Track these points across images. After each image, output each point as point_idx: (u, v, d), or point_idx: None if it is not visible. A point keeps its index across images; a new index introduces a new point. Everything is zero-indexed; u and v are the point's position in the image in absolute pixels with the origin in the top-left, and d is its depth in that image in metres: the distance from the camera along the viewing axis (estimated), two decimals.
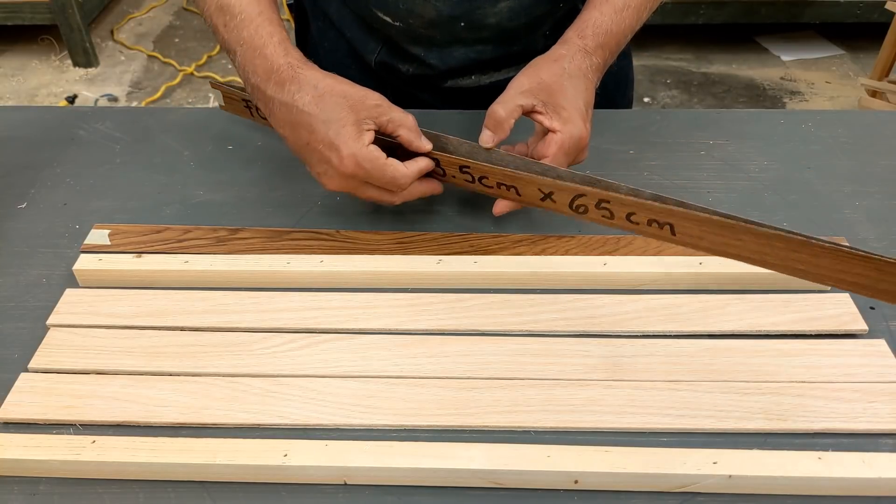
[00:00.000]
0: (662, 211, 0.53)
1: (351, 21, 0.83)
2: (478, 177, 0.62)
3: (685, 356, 0.55)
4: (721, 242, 0.52)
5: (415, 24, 0.77)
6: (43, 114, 0.87)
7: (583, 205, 0.58)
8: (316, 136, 0.59)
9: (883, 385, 0.53)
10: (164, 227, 0.67)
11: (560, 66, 0.64)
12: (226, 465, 0.48)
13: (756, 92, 2.48)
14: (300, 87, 0.60)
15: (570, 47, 0.66)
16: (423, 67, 0.82)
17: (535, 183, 0.59)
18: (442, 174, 0.64)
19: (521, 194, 0.60)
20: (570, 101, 0.63)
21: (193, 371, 0.54)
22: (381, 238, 0.66)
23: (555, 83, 0.63)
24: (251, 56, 0.62)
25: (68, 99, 2.43)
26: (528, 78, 0.64)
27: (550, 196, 0.59)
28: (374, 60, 0.84)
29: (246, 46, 0.62)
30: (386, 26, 0.79)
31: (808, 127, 0.82)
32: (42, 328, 0.58)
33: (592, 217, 0.58)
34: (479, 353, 0.56)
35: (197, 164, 0.77)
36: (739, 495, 0.48)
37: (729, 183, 0.74)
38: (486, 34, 0.78)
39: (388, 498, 0.48)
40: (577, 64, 0.65)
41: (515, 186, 0.60)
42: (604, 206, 0.56)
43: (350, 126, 0.58)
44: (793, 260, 0.50)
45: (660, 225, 0.55)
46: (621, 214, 0.56)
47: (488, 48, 0.80)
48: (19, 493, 0.48)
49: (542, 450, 0.48)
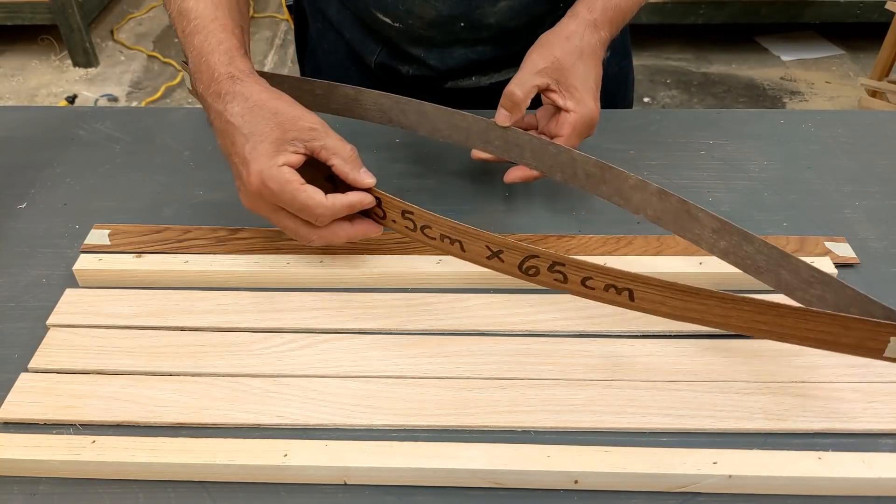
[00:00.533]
0: (622, 276, 0.51)
1: (350, 23, 0.83)
2: (420, 225, 0.57)
3: (685, 356, 0.55)
4: (682, 307, 0.51)
5: (414, 24, 0.77)
6: (43, 114, 0.87)
7: (534, 266, 0.53)
8: (235, 149, 0.56)
9: (883, 385, 0.53)
10: (163, 227, 0.67)
11: (572, 44, 0.64)
12: (226, 465, 0.48)
13: (756, 92, 2.48)
14: (234, 97, 0.56)
15: (579, 22, 0.65)
16: (423, 68, 0.82)
17: (482, 239, 0.54)
18: (381, 216, 0.59)
19: (465, 250, 0.56)
20: (582, 80, 0.63)
21: (193, 371, 0.54)
22: (381, 239, 0.66)
23: (567, 62, 0.63)
24: (198, 63, 0.59)
25: (68, 99, 2.43)
26: (542, 57, 0.64)
27: (499, 255, 0.54)
28: (373, 62, 0.84)
29: (195, 53, 0.60)
30: (385, 27, 0.79)
31: (808, 127, 0.82)
32: (42, 328, 0.58)
33: (543, 280, 0.54)
34: (479, 353, 0.56)
35: (197, 164, 0.77)
36: (739, 495, 0.48)
37: (729, 183, 0.74)
38: (486, 34, 0.78)
39: (388, 498, 0.48)
40: (587, 41, 0.65)
41: (461, 241, 0.55)
42: (557, 269, 0.53)
43: (268, 143, 0.55)
44: (757, 322, 0.49)
45: (618, 291, 0.52)
46: (576, 279, 0.53)
47: (488, 49, 0.80)
48: (19, 493, 0.48)
49: (542, 450, 0.48)
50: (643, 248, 0.65)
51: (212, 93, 0.58)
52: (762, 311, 0.49)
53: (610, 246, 0.65)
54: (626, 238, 0.66)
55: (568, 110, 0.62)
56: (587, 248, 0.65)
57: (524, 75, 0.63)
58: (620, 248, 0.65)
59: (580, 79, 0.63)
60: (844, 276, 0.63)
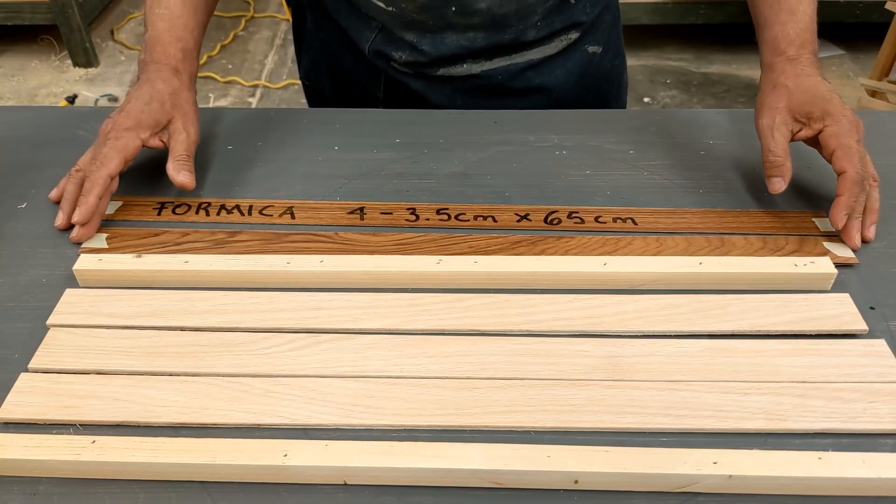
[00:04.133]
0: (624, 210, 0.69)
1: (346, 11, 0.85)
2: (455, 214, 0.70)
3: (685, 356, 0.55)
4: (671, 222, 0.68)
5: (407, 8, 0.79)
6: (43, 114, 0.87)
7: (556, 217, 0.68)
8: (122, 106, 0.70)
9: (883, 385, 0.53)
10: (162, 230, 0.67)
11: (787, 90, 0.67)
12: (226, 465, 0.48)
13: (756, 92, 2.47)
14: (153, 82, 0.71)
15: (776, 68, 0.69)
16: (416, 54, 0.83)
17: (510, 210, 0.69)
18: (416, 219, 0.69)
19: (497, 221, 0.69)
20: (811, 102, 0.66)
21: (193, 371, 0.54)
22: (380, 240, 0.66)
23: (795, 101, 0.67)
24: (152, 43, 0.73)
25: (68, 99, 2.43)
26: (771, 117, 0.67)
27: (526, 217, 0.68)
28: (367, 48, 0.85)
29: (155, 34, 0.73)
30: (379, 12, 0.80)
31: None
32: (42, 328, 0.58)
33: (566, 226, 0.68)
34: (479, 353, 0.56)
35: (197, 164, 0.77)
36: (739, 495, 0.48)
37: (729, 183, 0.74)
38: (477, 20, 0.80)
39: (388, 498, 0.48)
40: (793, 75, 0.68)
41: (493, 215, 0.69)
42: (574, 215, 0.68)
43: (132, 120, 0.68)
44: (724, 221, 0.68)
45: (623, 220, 0.68)
46: (590, 219, 0.68)
47: (479, 35, 0.81)
48: (19, 493, 0.48)
49: (542, 450, 0.48)
50: (643, 248, 0.65)
51: (149, 66, 0.72)
52: (722, 215, 0.69)
53: (610, 246, 0.65)
54: (626, 238, 0.66)
55: (822, 130, 0.65)
56: (587, 247, 0.65)
57: (777, 141, 0.66)
58: (620, 248, 0.65)
59: (810, 103, 0.66)
60: (844, 277, 0.63)
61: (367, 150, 0.79)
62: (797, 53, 0.69)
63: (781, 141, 0.66)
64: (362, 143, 0.80)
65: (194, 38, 0.74)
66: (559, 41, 0.86)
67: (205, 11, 0.76)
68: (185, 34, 0.73)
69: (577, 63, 0.88)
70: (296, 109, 0.91)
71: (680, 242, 0.65)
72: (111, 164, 0.65)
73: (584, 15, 0.85)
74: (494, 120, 0.83)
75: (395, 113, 0.85)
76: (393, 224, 0.69)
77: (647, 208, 0.70)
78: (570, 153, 0.78)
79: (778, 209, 0.70)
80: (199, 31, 0.75)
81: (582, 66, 0.89)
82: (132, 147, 0.67)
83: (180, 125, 0.69)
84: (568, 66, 0.88)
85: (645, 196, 0.72)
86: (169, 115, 0.69)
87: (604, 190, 0.73)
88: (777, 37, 0.70)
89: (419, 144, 0.79)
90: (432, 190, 0.73)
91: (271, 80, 2.54)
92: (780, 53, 0.69)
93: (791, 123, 0.67)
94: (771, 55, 0.70)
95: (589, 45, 0.88)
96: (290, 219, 0.69)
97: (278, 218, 0.69)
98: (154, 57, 0.72)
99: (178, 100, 0.70)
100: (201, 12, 0.75)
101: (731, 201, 0.71)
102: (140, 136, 0.67)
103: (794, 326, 0.57)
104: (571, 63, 0.88)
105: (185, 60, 0.73)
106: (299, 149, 0.79)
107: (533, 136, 0.80)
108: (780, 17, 0.70)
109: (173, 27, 0.72)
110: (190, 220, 0.69)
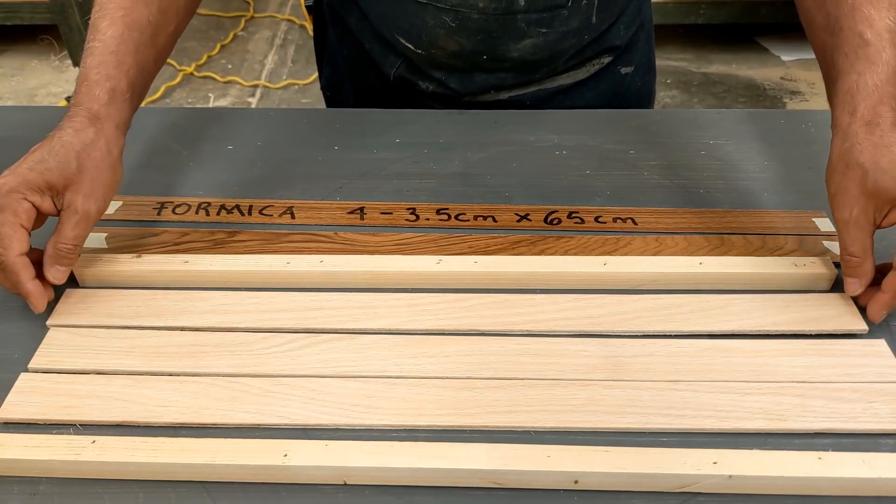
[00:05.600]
0: (623, 210, 0.69)
1: (371, 35, 0.83)
2: (455, 214, 0.69)
3: (685, 356, 0.55)
4: (671, 222, 0.68)
5: (437, 54, 0.77)
6: (43, 114, 0.87)
7: (556, 217, 0.67)
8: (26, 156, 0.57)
9: (883, 385, 0.53)
10: (161, 230, 0.67)
11: (862, 171, 0.54)
12: (226, 465, 0.48)
13: (756, 92, 2.48)
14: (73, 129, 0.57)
15: (850, 135, 0.55)
16: (443, 87, 0.81)
17: (510, 209, 0.69)
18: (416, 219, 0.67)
19: (497, 221, 0.68)
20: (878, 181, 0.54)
21: (193, 371, 0.54)
22: (380, 240, 0.66)
23: (876, 190, 0.54)
24: (80, 80, 0.59)
25: (68, 99, 2.43)
26: (849, 210, 0.55)
27: (526, 217, 0.67)
28: (392, 74, 0.83)
29: (84, 69, 0.59)
30: (406, 50, 0.79)
31: (808, 127, 0.82)
32: (42, 328, 0.58)
33: (566, 225, 0.67)
34: (479, 353, 0.56)
35: (197, 164, 0.77)
36: (739, 495, 0.48)
37: (729, 183, 0.74)
38: (508, 65, 0.78)
39: (388, 498, 0.48)
40: (870, 146, 0.54)
41: (493, 215, 0.68)
42: (574, 215, 0.68)
43: (26, 175, 0.54)
44: (725, 221, 0.68)
45: (623, 220, 0.68)
46: (590, 219, 0.68)
47: (510, 75, 0.80)
48: (19, 493, 0.48)
49: (542, 450, 0.48)
50: (643, 248, 0.65)
51: (69, 111, 0.58)
52: (722, 215, 0.69)
53: (609, 246, 0.65)
54: (626, 238, 0.66)
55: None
56: (587, 247, 0.65)
57: (847, 235, 0.56)
58: (620, 248, 0.65)
59: (893, 186, 0.53)
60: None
61: (367, 150, 0.79)
62: (876, 114, 0.54)
63: (860, 238, 0.55)
64: (362, 143, 0.80)
65: (129, 78, 0.59)
66: (591, 66, 0.84)
67: (152, 54, 0.63)
68: (116, 73, 0.59)
69: (608, 85, 0.87)
70: (296, 109, 0.91)
71: (680, 242, 0.65)
72: (12, 244, 0.53)
73: (618, 39, 0.83)
74: (494, 120, 0.83)
75: (395, 113, 0.85)
76: (393, 224, 0.69)
77: (647, 208, 0.70)
78: (570, 153, 0.78)
79: (778, 209, 0.70)
80: (136, 72, 0.60)
81: (613, 87, 0.87)
82: (22, 212, 0.54)
83: (79, 198, 0.55)
84: (599, 89, 0.86)
85: (645, 196, 0.72)
86: (67, 179, 0.55)
87: (604, 190, 0.73)
88: (852, 89, 0.55)
89: (419, 144, 0.79)
90: (432, 190, 0.73)
91: (271, 80, 2.54)
92: (853, 113, 0.55)
93: (872, 214, 0.55)
94: (842, 113, 0.56)
95: (621, 66, 0.86)
96: (290, 219, 0.69)
97: (278, 218, 0.69)
98: (76, 99, 0.58)
99: (85, 159, 0.55)
100: (145, 53, 0.61)
101: (731, 201, 0.71)
102: (27, 198, 0.54)
103: (795, 326, 0.57)
104: (603, 86, 0.86)
105: (110, 104, 0.58)
106: (299, 149, 0.79)
107: (533, 136, 0.80)
108: (856, 67, 0.55)
109: (103, 63, 0.59)
110: (190, 220, 0.69)
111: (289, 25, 2.89)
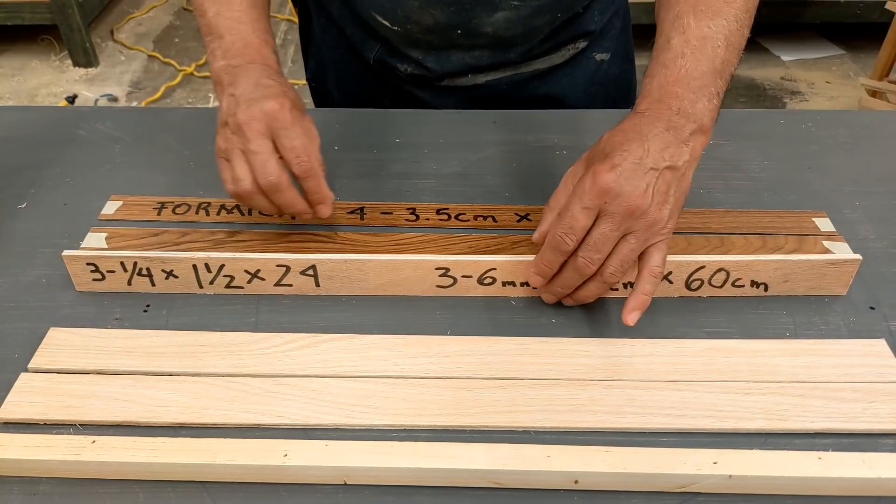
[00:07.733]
0: None
1: (351, 20, 0.84)
2: (455, 214, 0.69)
3: (685, 356, 0.55)
4: (684, 221, 0.67)
5: (412, 29, 0.78)
6: (43, 114, 0.87)
7: None
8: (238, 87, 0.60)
9: (883, 385, 0.53)
10: (161, 229, 0.67)
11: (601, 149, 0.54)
12: (226, 465, 0.48)
13: (756, 92, 2.48)
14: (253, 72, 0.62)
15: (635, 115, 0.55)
16: (421, 69, 0.82)
17: (510, 209, 0.69)
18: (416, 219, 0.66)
19: (497, 221, 0.66)
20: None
21: (193, 371, 0.54)
22: (379, 240, 0.66)
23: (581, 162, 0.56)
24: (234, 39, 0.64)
25: (68, 99, 2.43)
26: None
27: (526, 217, 0.66)
28: (372, 58, 0.84)
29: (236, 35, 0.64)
30: (384, 29, 0.79)
31: (808, 127, 0.82)
32: (42, 328, 0.58)
33: None
34: (478, 353, 0.56)
35: (197, 164, 0.77)
36: (739, 495, 0.48)
37: (729, 183, 0.74)
38: (483, 41, 0.79)
39: (388, 498, 0.48)
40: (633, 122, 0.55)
41: (493, 215, 0.68)
42: None
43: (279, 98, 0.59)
44: (727, 221, 0.68)
45: None
46: None
47: (485, 53, 0.80)
48: (19, 493, 0.48)
49: (542, 450, 0.48)
50: None
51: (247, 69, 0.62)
52: (722, 215, 0.69)
53: None
54: None
55: None
56: None
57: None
58: None
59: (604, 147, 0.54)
60: None
61: (367, 150, 0.79)
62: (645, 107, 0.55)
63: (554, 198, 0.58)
64: (362, 143, 0.80)
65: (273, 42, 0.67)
66: (566, 51, 0.85)
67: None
68: (269, 38, 0.66)
69: (584, 72, 0.87)
70: None
71: (680, 242, 0.65)
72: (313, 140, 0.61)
73: (592, 24, 0.84)
74: (494, 120, 0.83)
75: (396, 113, 0.85)
76: (393, 224, 0.69)
77: None
78: (570, 153, 0.78)
79: (778, 209, 0.70)
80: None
81: (589, 74, 0.87)
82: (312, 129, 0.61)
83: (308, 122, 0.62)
84: (575, 75, 0.87)
85: None
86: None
87: None
88: (643, 91, 0.57)
89: (419, 144, 0.79)
90: (432, 190, 0.73)
91: None
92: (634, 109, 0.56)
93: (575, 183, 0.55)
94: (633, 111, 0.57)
95: (597, 52, 0.87)
96: (290, 218, 0.69)
97: (278, 218, 0.69)
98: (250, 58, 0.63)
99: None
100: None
101: (731, 201, 0.71)
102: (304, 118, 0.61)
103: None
104: (578, 72, 0.87)
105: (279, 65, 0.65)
106: None
107: (533, 136, 0.80)
108: (651, 70, 0.57)
109: (256, 30, 0.65)
110: (190, 219, 0.69)
111: (288, 25, 2.89)
